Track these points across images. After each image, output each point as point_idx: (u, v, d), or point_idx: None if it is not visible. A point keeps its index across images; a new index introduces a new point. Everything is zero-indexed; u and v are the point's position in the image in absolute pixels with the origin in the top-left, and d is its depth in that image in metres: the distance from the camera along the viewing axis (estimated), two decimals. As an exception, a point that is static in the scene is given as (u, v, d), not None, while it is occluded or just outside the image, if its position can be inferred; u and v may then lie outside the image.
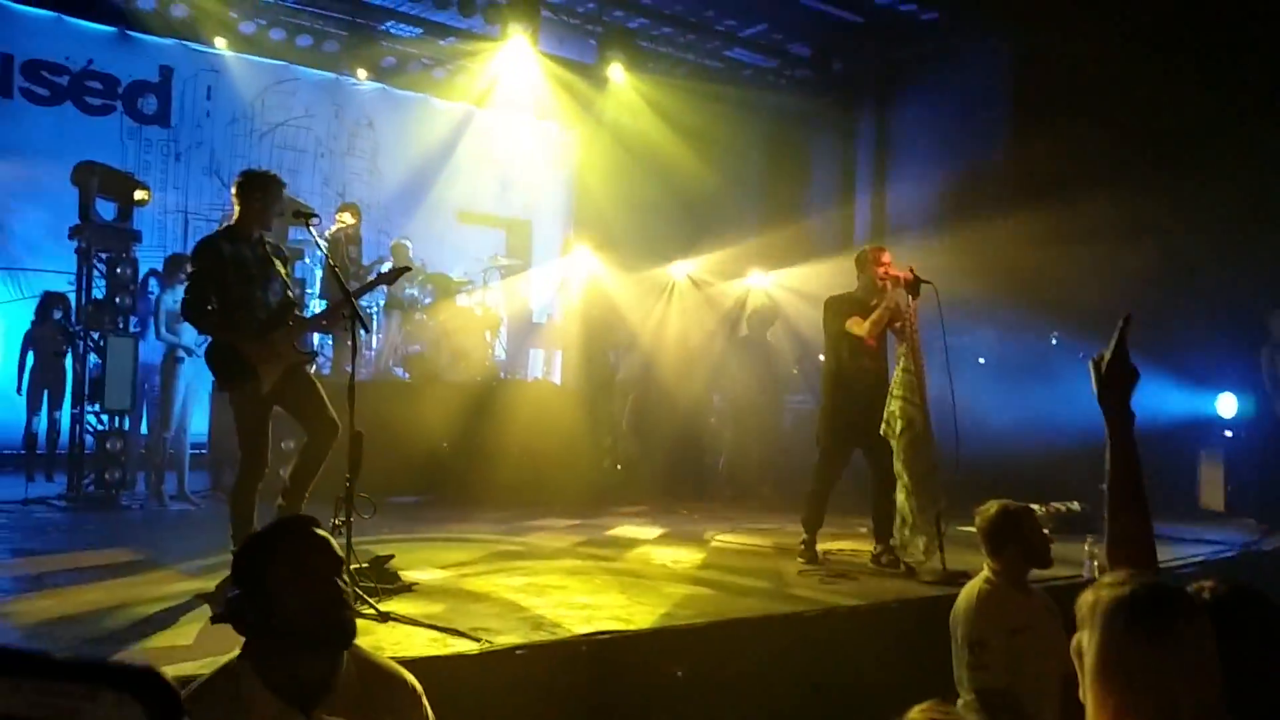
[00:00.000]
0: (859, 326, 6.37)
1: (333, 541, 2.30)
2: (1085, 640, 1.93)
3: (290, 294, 5.20)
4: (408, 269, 5.70)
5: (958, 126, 10.29)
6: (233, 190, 5.19)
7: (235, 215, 5.14)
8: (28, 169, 10.03)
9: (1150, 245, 9.81)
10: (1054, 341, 9.75)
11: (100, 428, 8.06)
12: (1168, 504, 9.79)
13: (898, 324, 6.40)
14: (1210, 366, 10.57)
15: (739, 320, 10.96)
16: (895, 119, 10.69)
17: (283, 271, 5.14)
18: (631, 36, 11.72)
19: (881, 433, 6.26)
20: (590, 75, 11.98)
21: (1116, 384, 2.31)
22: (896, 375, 6.29)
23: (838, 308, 6.59)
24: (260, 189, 5.08)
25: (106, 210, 8.21)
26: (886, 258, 6.51)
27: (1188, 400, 10.45)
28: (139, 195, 8.25)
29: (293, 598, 2.08)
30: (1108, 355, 2.33)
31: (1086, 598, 1.96)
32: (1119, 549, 2.27)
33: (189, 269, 5.18)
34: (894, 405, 6.23)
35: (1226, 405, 10.32)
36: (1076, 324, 9.79)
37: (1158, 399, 9.97)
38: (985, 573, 4.03)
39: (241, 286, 4.98)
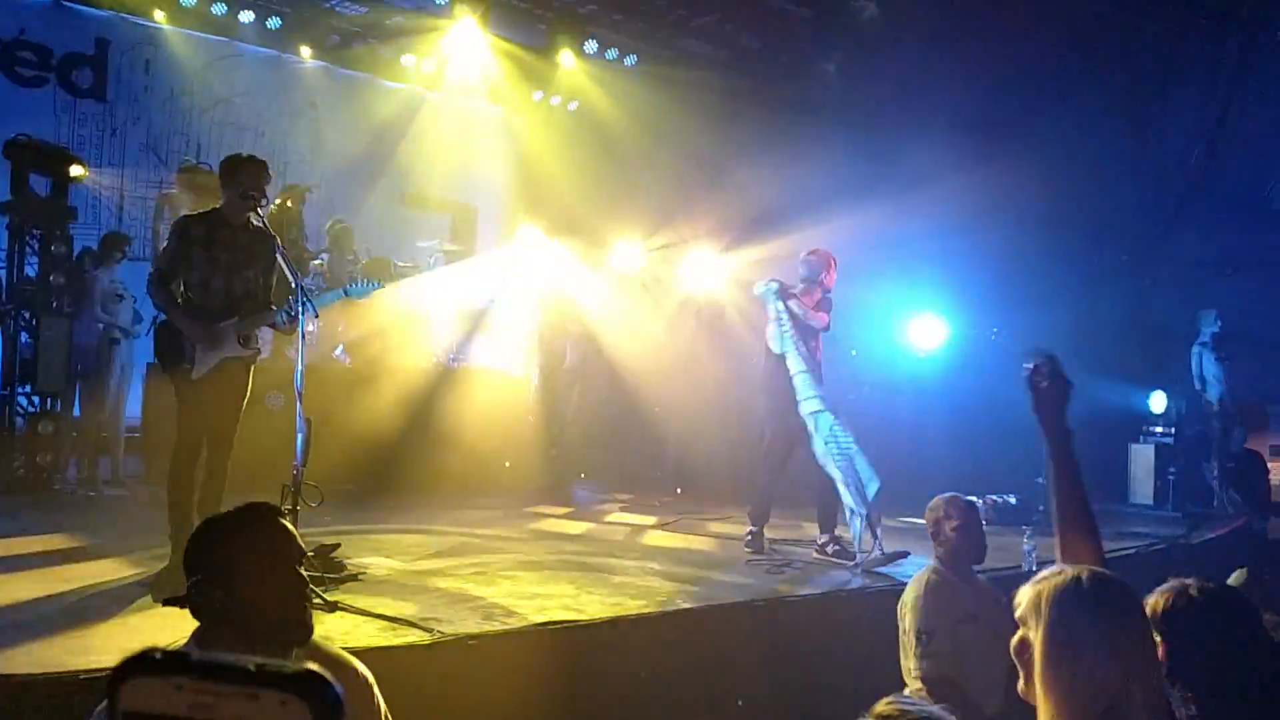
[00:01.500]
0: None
1: (295, 532, 2.27)
2: (1031, 633, 1.97)
3: (262, 285, 5.09)
4: (381, 286, 5.66)
5: (900, 121, 10.43)
6: (218, 174, 5.14)
7: (221, 199, 5.07)
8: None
9: (1085, 245, 10.08)
10: (994, 335, 9.93)
11: (32, 410, 7.82)
12: (1098, 497, 10.03)
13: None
14: (1143, 363, 10.88)
15: (688, 310, 10.98)
16: (844, 112, 10.80)
17: (262, 262, 5.05)
18: (582, 23, 11.64)
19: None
20: (540, 61, 11.88)
21: (1050, 398, 2.34)
22: (796, 380, 6.50)
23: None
24: (238, 173, 5.00)
25: (40, 186, 7.96)
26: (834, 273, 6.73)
27: (1120, 395, 10.75)
28: (74, 171, 8.01)
29: (261, 587, 2.05)
30: (1042, 373, 2.37)
31: (1026, 593, 2.00)
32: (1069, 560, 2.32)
33: (164, 245, 5.12)
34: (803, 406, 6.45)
35: (1158, 401, 10.62)
36: (1016, 319, 10.00)
37: (1092, 394, 10.26)
38: (933, 563, 4.12)
39: (203, 270, 4.92)
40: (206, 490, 4.93)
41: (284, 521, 2.23)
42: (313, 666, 0.54)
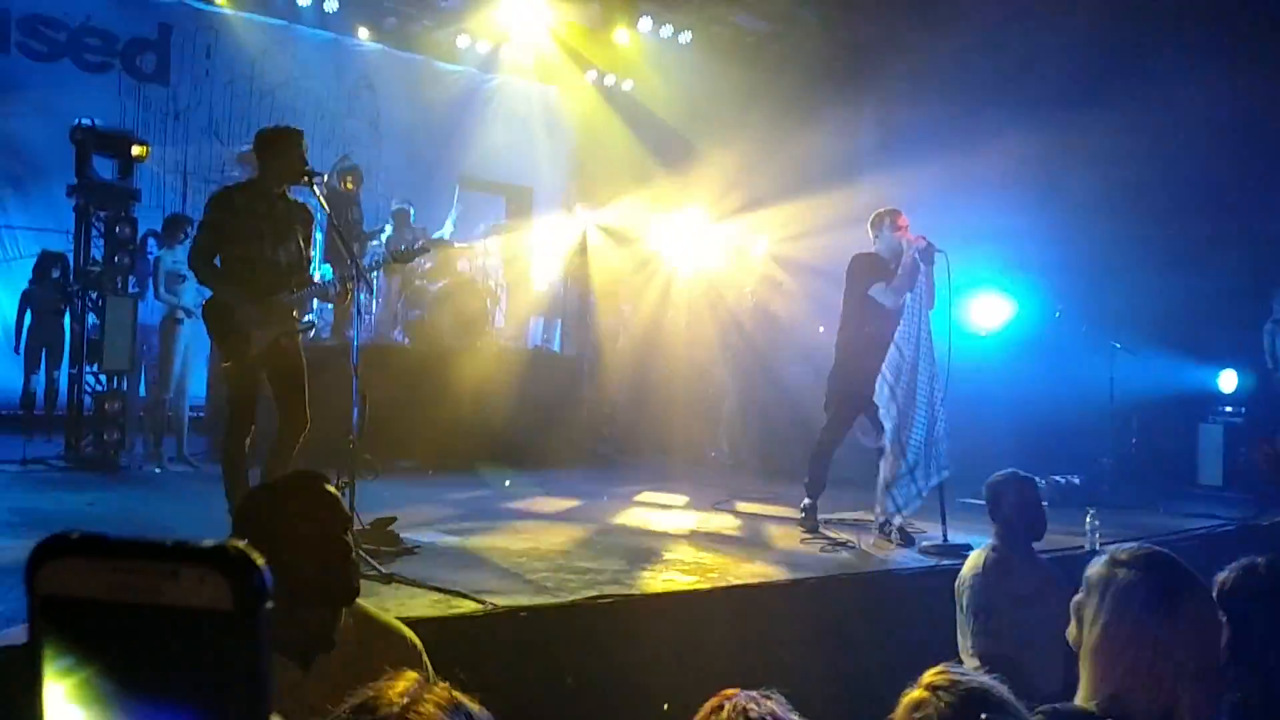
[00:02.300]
0: (885, 296, 6.30)
1: (341, 499, 2.29)
2: (1091, 610, 1.93)
3: (304, 257, 5.11)
4: (425, 250, 5.68)
5: (961, 98, 10.20)
6: (253, 148, 5.14)
7: (257, 172, 5.10)
8: (24, 126, 9.94)
9: (1154, 220, 9.78)
10: (1058, 315, 9.71)
11: (99, 389, 8.01)
12: (1166, 478, 9.83)
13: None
14: (1212, 341, 10.56)
15: (745, 291, 10.88)
16: (901, 88, 10.59)
17: (301, 234, 5.07)
18: (636, 0, 11.58)
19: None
20: (595, 40, 11.84)
21: None
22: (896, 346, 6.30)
23: (863, 266, 6.44)
24: (275, 144, 5.02)
25: (105, 168, 8.13)
26: (903, 220, 6.44)
27: (1189, 375, 10.46)
28: (136, 150, 8.14)
29: (302, 551, 2.07)
30: None
31: (1100, 571, 1.95)
32: None
33: (202, 217, 5.11)
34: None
35: (1227, 380, 10.31)
36: (1083, 300, 9.77)
37: (1159, 373, 10.00)
38: (992, 540, 4.04)
39: (248, 243, 4.89)
40: (274, 463, 4.92)
41: (329, 489, 2.24)
42: (237, 543, 0.52)
